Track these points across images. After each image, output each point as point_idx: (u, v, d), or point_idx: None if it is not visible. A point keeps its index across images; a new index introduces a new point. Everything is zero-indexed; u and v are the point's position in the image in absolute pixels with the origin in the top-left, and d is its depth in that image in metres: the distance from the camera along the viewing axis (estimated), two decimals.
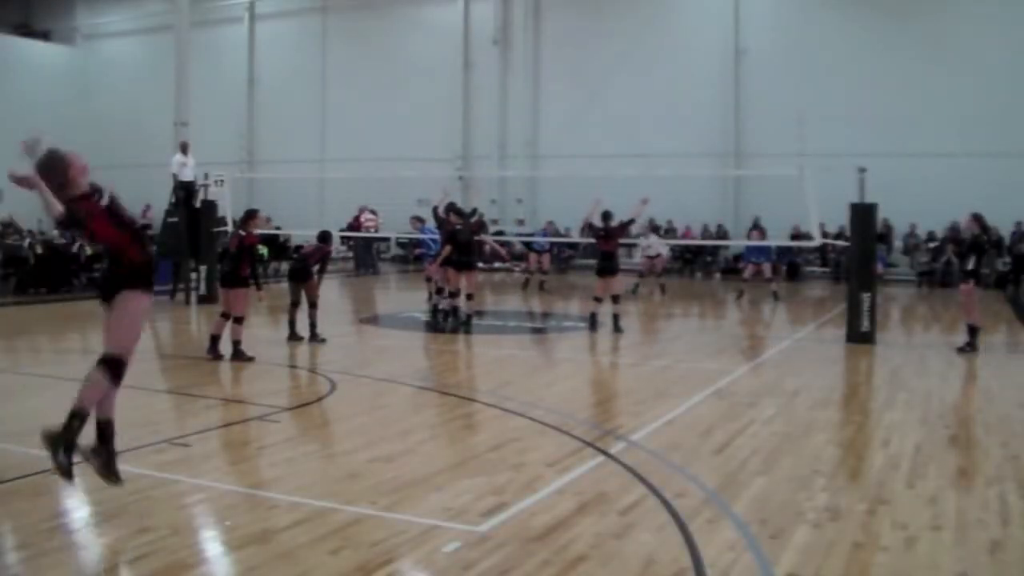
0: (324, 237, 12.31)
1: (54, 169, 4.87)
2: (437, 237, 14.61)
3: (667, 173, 20.33)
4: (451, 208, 13.96)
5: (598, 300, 13.20)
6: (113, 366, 4.88)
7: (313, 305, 11.83)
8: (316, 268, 11.95)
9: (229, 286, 10.52)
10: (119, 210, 5.08)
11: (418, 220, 17.26)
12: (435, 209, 14.08)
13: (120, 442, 6.34)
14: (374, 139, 28.28)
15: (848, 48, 23.54)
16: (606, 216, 13.27)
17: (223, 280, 10.79)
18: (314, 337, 11.65)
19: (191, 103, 20.46)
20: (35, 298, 16.98)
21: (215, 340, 10.40)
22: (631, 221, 13.35)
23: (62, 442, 4.76)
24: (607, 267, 13.16)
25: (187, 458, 6.17)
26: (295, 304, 11.85)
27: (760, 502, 5.32)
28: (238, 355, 10.22)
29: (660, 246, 19.75)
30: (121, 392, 6.46)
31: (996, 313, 15.90)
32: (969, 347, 11.35)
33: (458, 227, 13.40)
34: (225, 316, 10.52)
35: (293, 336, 11.73)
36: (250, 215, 10.80)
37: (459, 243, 13.21)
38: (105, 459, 5.03)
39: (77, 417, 4.81)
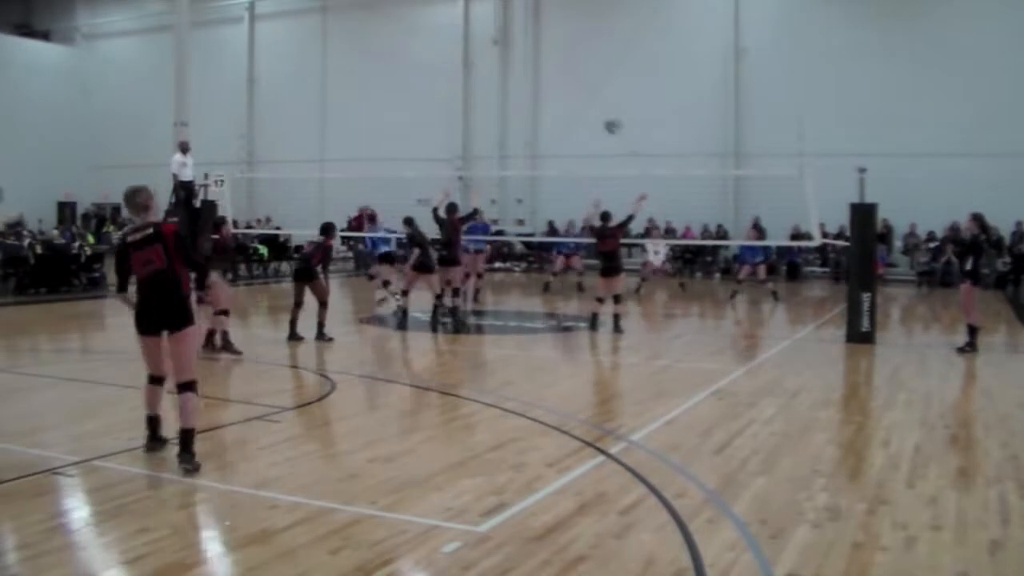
0: (325, 229, 12.26)
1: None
2: (383, 235, 15.38)
3: (666, 173, 20.34)
4: (450, 208, 14.00)
5: (600, 300, 13.21)
6: (195, 386, 5.86)
7: (323, 305, 11.79)
8: (319, 267, 11.92)
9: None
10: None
11: (370, 219, 17.31)
12: (435, 210, 14.10)
13: (121, 442, 6.38)
14: (374, 139, 28.27)
15: (848, 48, 23.54)
16: (604, 217, 13.28)
17: (200, 281, 10.98)
18: (321, 336, 11.62)
19: (191, 103, 20.48)
20: (35, 298, 16.97)
21: (211, 334, 10.63)
22: (629, 219, 13.36)
23: (192, 456, 5.71)
24: (609, 267, 13.17)
25: None
26: (298, 304, 11.84)
27: (760, 502, 5.32)
28: (227, 346, 10.52)
29: (663, 251, 19.76)
30: (122, 392, 6.49)
31: (996, 313, 15.90)
32: (969, 347, 11.35)
33: (416, 231, 14.07)
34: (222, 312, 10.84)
35: (293, 336, 11.72)
36: (220, 222, 11.61)
37: (419, 246, 13.84)
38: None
39: (190, 433, 5.75)
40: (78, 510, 5.17)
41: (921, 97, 22.64)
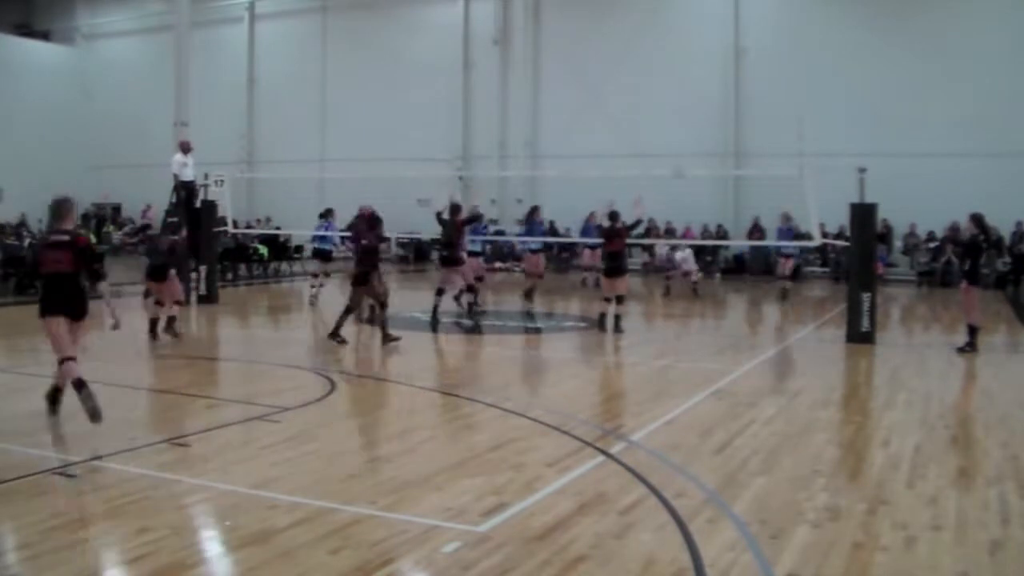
0: (372, 220, 12.14)
1: None
2: (331, 234, 16.62)
3: (667, 173, 20.32)
4: (453, 210, 14.02)
5: (607, 300, 13.20)
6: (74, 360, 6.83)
7: (348, 310, 11.65)
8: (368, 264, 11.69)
9: (161, 279, 11.94)
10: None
11: (322, 216, 17.11)
12: (439, 214, 14.15)
13: (121, 442, 6.39)
14: (374, 139, 28.27)
15: (848, 48, 23.54)
16: (612, 217, 13.28)
17: (156, 274, 12.03)
18: (334, 336, 11.51)
19: (191, 103, 20.45)
20: (35, 298, 16.93)
21: (154, 324, 11.65)
22: (637, 223, 13.38)
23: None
24: (614, 267, 13.16)
25: (187, 458, 6.17)
26: (383, 305, 11.77)
27: (760, 502, 5.32)
28: (169, 329, 11.64)
29: (691, 258, 19.73)
30: (122, 392, 6.50)
31: (996, 313, 15.90)
32: (969, 347, 11.35)
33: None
34: (160, 303, 11.88)
35: (387, 338, 11.41)
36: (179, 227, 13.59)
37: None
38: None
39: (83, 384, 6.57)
40: (78, 510, 5.17)
41: (921, 97, 22.63)
